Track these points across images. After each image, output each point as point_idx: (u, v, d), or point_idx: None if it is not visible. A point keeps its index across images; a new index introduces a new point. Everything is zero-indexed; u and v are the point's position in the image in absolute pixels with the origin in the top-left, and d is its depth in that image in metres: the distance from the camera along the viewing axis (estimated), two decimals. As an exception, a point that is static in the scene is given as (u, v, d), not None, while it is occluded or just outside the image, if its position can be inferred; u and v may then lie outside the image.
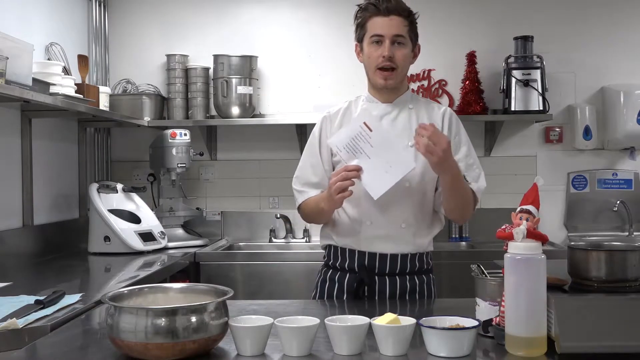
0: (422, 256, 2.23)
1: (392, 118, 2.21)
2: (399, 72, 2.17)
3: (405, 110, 2.22)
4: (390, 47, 2.12)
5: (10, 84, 2.42)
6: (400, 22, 2.13)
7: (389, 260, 2.17)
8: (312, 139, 2.29)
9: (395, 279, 2.19)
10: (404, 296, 2.19)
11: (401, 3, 2.16)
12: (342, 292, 2.22)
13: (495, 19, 4.02)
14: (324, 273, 2.30)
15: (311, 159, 2.26)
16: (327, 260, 2.30)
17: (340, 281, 2.23)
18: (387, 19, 2.13)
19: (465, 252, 3.82)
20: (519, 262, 1.45)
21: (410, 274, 2.21)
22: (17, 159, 3.12)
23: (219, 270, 3.41)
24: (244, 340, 1.50)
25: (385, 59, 2.13)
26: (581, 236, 3.93)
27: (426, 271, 2.26)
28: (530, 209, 1.56)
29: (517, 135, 4.05)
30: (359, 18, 2.19)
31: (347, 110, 2.27)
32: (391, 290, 2.18)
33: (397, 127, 2.19)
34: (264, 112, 4.06)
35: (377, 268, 2.18)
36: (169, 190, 3.81)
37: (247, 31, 4.06)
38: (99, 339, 1.73)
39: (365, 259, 2.17)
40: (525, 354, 1.45)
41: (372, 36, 2.15)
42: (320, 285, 2.29)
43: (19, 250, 3.03)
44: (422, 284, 2.23)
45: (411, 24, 2.16)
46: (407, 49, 2.16)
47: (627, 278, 1.51)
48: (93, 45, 3.93)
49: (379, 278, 2.18)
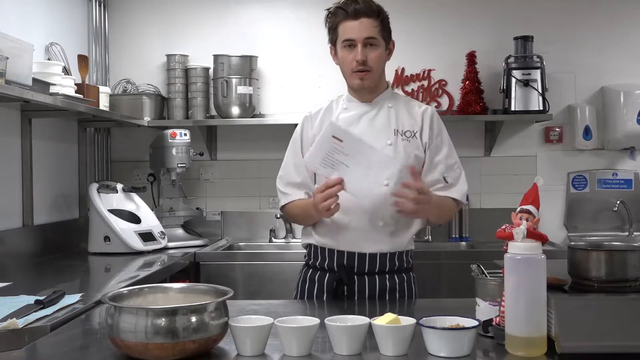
0: (401, 255, 2.22)
1: (371, 117, 2.22)
2: (374, 72, 2.17)
3: (385, 109, 2.23)
4: (363, 51, 2.13)
5: (10, 84, 2.42)
6: (370, 24, 2.13)
7: (368, 259, 2.17)
8: (294, 139, 2.31)
9: (374, 278, 2.19)
10: (383, 295, 2.19)
11: (370, 3, 2.15)
12: (322, 292, 2.22)
13: (495, 19, 4.02)
14: (304, 273, 2.31)
15: (294, 159, 2.28)
16: (307, 260, 2.31)
17: (320, 281, 2.23)
18: (357, 22, 2.13)
19: (465, 252, 3.82)
20: (519, 262, 1.45)
21: (389, 272, 2.21)
22: (17, 159, 3.13)
23: (219, 270, 3.41)
24: (244, 340, 1.50)
25: (359, 63, 2.14)
26: (581, 236, 3.93)
27: (406, 270, 2.26)
28: (530, 209, 1.56)
29: (517, 135, 4.05)
30: (330, 22, 2.21)
31: (328, 109, 2.28)
32: (370, 289, 2.18)
33: (376, 126, 2.20)
34: (264, 112, 4.06)
35: (356, 267, 2.18)
36: (169, 190, 3.81)
37: (247, 31, 4.06)
38: (99, 339, 1.73)
39: (344, 259, 2.18)
40: (525, 354, 1.45)
41: (344, 41, 2.16)
42: (300, 285, 2.30)
43: (19, 250, 3.03)
44: (402, 283, 2.22)
45: (382, 23, 2.16)
46: (380, 49, 2.17)
47: (627, 278, 1.51)
48: (93, 45, 3.93)
49: (358, 277, 2.18)
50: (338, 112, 2.25)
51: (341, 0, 2.17)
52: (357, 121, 2.21)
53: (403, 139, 2.18)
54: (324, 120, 2.24)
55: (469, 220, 3.97)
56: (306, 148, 2.23)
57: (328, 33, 2.23)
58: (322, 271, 2.24)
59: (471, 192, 3.99)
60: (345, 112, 2.24)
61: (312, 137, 2.23)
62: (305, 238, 2.31)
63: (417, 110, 2.25)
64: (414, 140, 2.19)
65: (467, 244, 3.92)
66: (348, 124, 2.20)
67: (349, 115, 2.23)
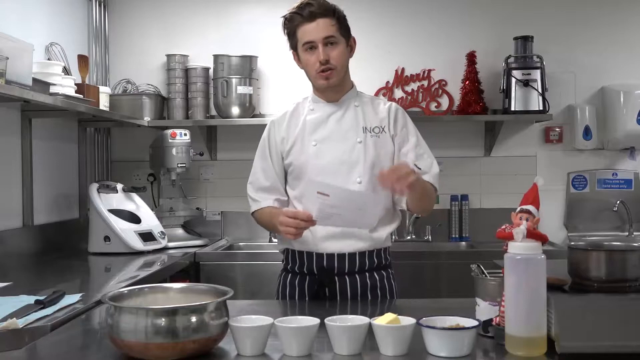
0: (379, 252, 2.23)
1: (338, 117, 2.23)
2: (338, 70, 2.18)
3: (352, 109, 2.25)
4: (324, 50, 2.15)
5: (10, 84, 2.42)
6: (327, 23, 2.14)
7: (348, 259, 2.17)
8: (261, 144, 2.32)
9: (355, 278, 2.19)
10: (365, 294, 2.19)
11: (324, 4, 2.16)
12: (304, 295, 2.22)
13: (495, 19, 4.02)
14: (283, 278, 2.30)
15: (262, 163, 2.29)
16: (285, 265, 2.30)
17: (301, 285, 2.23)
18: (314, 23, 2.14)
19: (465, 252, 3.82)
20: (519, 262, 1.45)
21: (369, 270, 2.21)
22: (17, 159, 3.12)
23: (219, 270, 3.41)
24: (244, 340, 1.50)
25: (322, 63, 2.15)
26: (581, 236, 3.93)
27: (385, 267, 2.27)
28: (530, 209, 1.56)
29: (517, 135, 4.05)
30: (287, 28, 2.22)
31: (295, 112, 2.30)
32: (352, 289, 2.18)
33: (344, 126, 2.22)
34: (264, 112, 4.06)
35: (336, 268, 2.18)
36: (169, 190, 3.81)
37: (247, 31, 4.06)
38: (99, 339, 1.73)
39: (324, 261, 2.17)
40: (525, 354, 1.45)
41: (305, 44, 2.17)
42: (280, 291, 2.29)
43: (19, 250, 3.03)
44: (382, 280, 2.24)
45: (339, 21, 2.17)
46: (341, 46, 2.17)
47: (627, 278, 1.51)
48: (93, 45, 3.93)
49: (339, 278, 2.18)
50: (305, 114, 2.26)
51: (295, 5, 2.18)
52: (325, 122, 2.23)
53: (372, 135, 2.20)
54: (291, 124, 2.26)
55: (469, 220, 3.97)
56: (274, 152, 2.26)
57: (287, 39, 2.25)
58: (302, 275, 2.23)
59: (471, 192, 4.00)
60: (312, 114, 2.25)
61: (280, 141, 2.26)
62: (281, 242, 2.30)
63: (383, 107, 2.27)
64: (383, 135, 2.22)
65: (467, 244, 3.92)
66: (316, 124, 2.22)
67: (316, 116, 2.24)
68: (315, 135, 2.22)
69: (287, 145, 2.25)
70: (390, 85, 4.00)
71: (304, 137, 2.23)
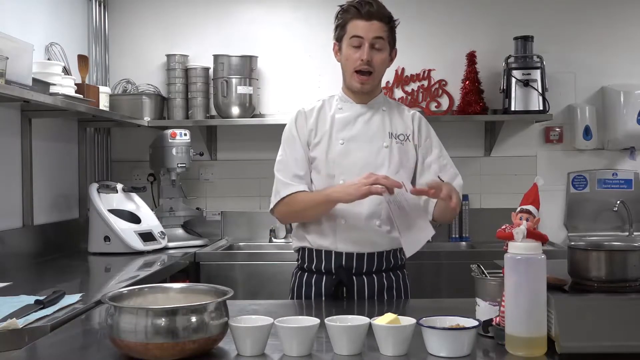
0: (395, 252, 2.24)
1: (366, 119, 2.24)
2: (375, 76, 2.20)
3: (379, 113, 2.26)
4: (369, 51, 2.15)
5: (10, 84, 2.42)
6: (380, 27, 2.15)
7: (366, 259, 2.18)
8: (289, 135, 2.26)
9: (372, 278, 2.20)
10: (382, 294, 2.20)
11: (383, 8, 2.17)
12: (320, 295, 2.22)
13: (495, 19, 4.02)
14: (299, 277, 2.29)
15: (294, 154, 2.22)
16: (301, 263, 2.29)
17: (317, 284, 2.22)
18: (368, 23, 2.15)
19: (465, 252, 3.82)
20: (519, 262, 1.45)
21: (386, 271, 2.22)
22: (17, 159, 3.12)
23: (219, 270, 3.41)
24: (244, 340, 1.50)
25: (364, 62, 2.15)
26: (581, 236, 3.93)
27: (400, 267, 2.29)
28: (530, 209, 1.56)
29: (517, 135, 4.05)
30: (340, 19, 2.21)
31: (322, 108, 2.28)
32: (369, 288, 2.19)
33: (372, 129, 2.22)
34: (264, 112, 4.06)
35: (354, 268, 2.18)
36: (169, 190, 3.81)
37: (247, 31, 4.06)
38: (99, 339, 1.73)
39: (343, 260, 2.17)
40: (525, 354, 1.45)
41: (352, 37, 2.16)
42: (296, 290, 2.28)
43: (19, 250, 3.03)
44: (397, 280, 2.25)
45: (391, 30, 2.19)
46: (385, 53, 2.19)
47: (627, 278, 1.51)
48: (93, 45, 3.93)
49: (356, 278, 2.19)
50: (332, 112, 2.26)
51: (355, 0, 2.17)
52: (352, 122, 2.23)
53: (397, 142, 2.22)
54: (320, 118, 2.24)
55: (469, 220, 3.97)
56: (303, 142, 2.22)
57: (335, 29, 2.24)
58: (319, 274, 2.23)
59: (471, 192, 4.00)
60: (340, 112, 2.25)
61: (308, 132, 2.23)
62: (297, 242, 2.29)
63: (407, 114, 2.29)
64: (407, 143, 2.24)
65: (467, 244, 3.92)
66: (344, 123, 2.22)
67: (344, 115, 2.24)
68: (342, 134, 2.21)
69: (315, 138, 2.22)
70: (390, 85, 4.00)
71: (331, 134, 2.22)
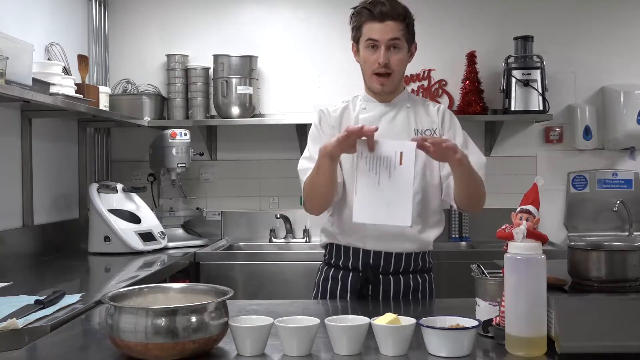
0: (424, 255, 2.24)
1: (390, 118, 2.22)
2: (395, 76, 2.17)
3: (404, 110, 2.23)
4: (386, 53, 2.12)
5: (10, 84, 2.42)
6: (395, 27, 2.12)
7: (394, 258, 2.17)
8: (313, 131, 2.25)
9: (399, 278, 2.19)
10: (407, 295, 2.19)
11: (396, 7, 2.14)
12: (346, 291, 2.21)
13: (495, 19, 4.02)
14: (325, 271, 2.28)
15: (315, 147, 2.17)
16: (328, 259, 2.28)
17: (344, 280, 2.21)
18: (382, 24, 2.11)
19: (465, 252, 3.82)
20: (519, 262, 1.45)
21: (413, 272, 2.21)
22: (17, 159, 3.12)
23: (219, 270, 3.41)
24: (244, 340, 1.50)
25: (381, 65, 2.13)
26: (581, 236, 3.93)
27: (427, 270, 2.27)
28: (530, 209, 1.55)
29: (517, 135, 4.05)
30: (354, 21, 2.19)
31: (346, 110, 2.27)
32: (395, 289, 2.18)
33: (397, 127, 2.20)
34: (264, 112, 4.06)
35: (381, 267, 2.17)
36: (169, 190, 3.81)
37: (247, 31, 4.06)
38: (99, 339, 1.73)
39: (370, 258, 2.16)
40: (525, 354, 1.45)
41: (368, 40, 2.14)
42: (322, 283, 2.27)
43: (19, 250, 3.03)
44: (424, 283, 2.24)
45: (407, 27, 2.15)
46: (403, 52, 2.16)
47: (627, 278, 1.51)
48: (93, 45, 3.93)
49: (383, 277, 2.18)
50: (356, 113, 2.24)
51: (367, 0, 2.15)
52: (377, 122, 2.18)
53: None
54: (344, 118, 2.22)
55: (469, 220, 3.97)
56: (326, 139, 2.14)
57: (352, 31, 2.22)
58: (346, 270, 2.21)
59: (471, 192, 4.00)
60: (364, 113, 2.23)
61: (331, 129, 2.20)
62: (325, 238, 2.27)
63: (433, 109, 2.26)
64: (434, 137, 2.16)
65: (467, 244, 3.92)
66: (369, 124, 2.15)
67: (368, 115, 2.22)
68: None
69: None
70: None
71: None
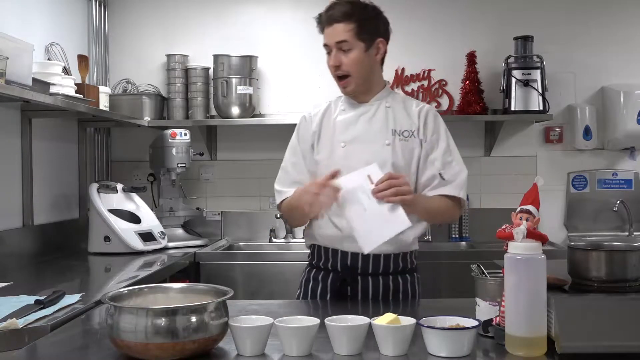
0: (405, 256, 2.23)
1: (368, 118, 2.22)
2: (355, 77, 2.17)
3: (382, 109, 2.22)
4: (336, 56, 2.15)
5: (10, 84, 2.42)
6: (342, 29, 2.13)
7: (372, 260, 2.17)
8: (292, 140, 2.32)
9: (378, 279, 2.19)
10: (387, 296, 2.19)
11: (343, 7, 2.13)
12: (326, 291, 2.23)
13: (495, 19, 4.02)
14: (307, 272, 2.31)
15: (293, 158, 2.28)
16: (311, 260, 2.31)
17: (324, 281, 2.23)
18: (331, 28, 2.15)
19: (465, 252, 3.82)
20: (519, 262, 1.45)
21: (393, 273, 2.21)
22: (17, 159, 3.12)
23: (219, 270, 3.41)
24: (244, 340, 1.50)
25: (334, 68, 2.16)
26: (581, 236, 3.93)
27: (410, 270, 2.26)
28: (530, 209, 1.56)
29: (517, 135, 4.05)
30: (319, 30, 2.23)
31: (328, 110, 2.29)
32: (374, 290, 2.18)
33: (374, 127, 2.20)
34: (264, 112, 4.06)
35: (360, 268, 2.17)
36: (169, 190, 3.81)
37: (247, 31, 4.06)
38: (99, 339, 1.73)
39: (349, 259, 2.17)
40: (525, 354, 1.45)
41: (324, 46, 2.20)
42: (304, 284, 2.30)
43: (19, 250, 3.03)
44: (405, 284, 2.23)
45: (359, 25, 2.13)
46: (356, 51, 2.14)
47: (627, 278, 1.51)
48: (93, 45, 3.93)
49: (362, 278, 2.18)
50: (336, 114, 2.26)
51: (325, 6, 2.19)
52: (355, 122, 2.21)
53: (401, 139, 2.18)
54: (324, 120, 2.26)
55: (469, 220, 3.97)
56: (304, 146, 2.25)
57: None
58: (326, 271, 2.24)
59: (471, 192, 4.00)
60: (343, 114, 2.25)
61: (311, 135, 2.24)
62: (308, 239, 2.31)
63: (414, 109, 2.23)
64: (412, 139, 2.19)
65: (467, 244, 3.92)
66: (346, 125, 2.21)
67: (347, 116, 2.24)
68: (344, 136, 2.20)
69: (319, 141, 2.24)
70: (390, 85, 3.99)
71: (333, 137, 2.21)
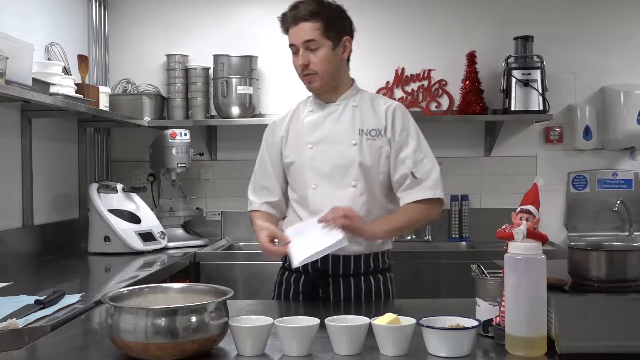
0: (377, 256, 2.21)
1: (335, 118, 2.21)
2: (322, 75, 2.16)
3: (349, 109, 2.21)
4: (304, 54, 2.15)
5: (10, 84, 2.42)
6: (308, 27, 2.12)
7: (342, 261, 2.16)
8: (262, 152, 2.35)
9: (349, 280, 2.18)
10: (359, 297, 2.18)
11: (309, 5, 2.12)
12: (298, 293, 2.22)
13: (495, 19, 4.02)
14: (280, 275, 2.31)
15: (260, 163, 2.33)
16: (284, 262, 2.30)
17: (295, 283, 2.23)
18: (297, 27, 2.14)
19: (465, 252, 3.82)
20: (519, 262, 1.45)
21: (365, 274, 2.19)
22: (17, 159, 3.12)
23: (219, 270, 3.41)
24: (244, 340, 1.50)
25: (302, 67, 2.16)
26: (581, 236, 3.93)
27: (382, 270, 2.24)
28: (530, 209, 1.56)
29: (517, 135, 4.05)
30: (282, 30, 2.22)
31: (296, 112, 2.30)
32: (345, 291, 2.17)
33: (341, 127, 2.19)
34: (264, 112, 4.06)
35: (330, 269, 2.17)
36: (169, 190, 3.81)
37: (247, 31, 4.06)
38: (99, 339, 1.73)
39: (318, 261, 2.13)
40: (525, 354, 1.45)
41: (290, 46, 2.19)
42: (277, 287, 2.30)
43: (19, 250, 3.03)
44: (377, 284, 2.21)
45: (325, 23, 2.12)
46: (324, 50, 2.14)
47: (627, 278, 1.51)
48: (93, 45, 3.93)
49: (333, 279, 2.18)
50: (304, 115, 2.25)
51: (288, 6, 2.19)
52: (321, 123, 2.21)
53: (368, 138, 2.15)
54: (292, 124, 2.27)
55: (469, 220, 3.97)
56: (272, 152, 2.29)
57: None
58: (298, 273, 2.23)
59: (471, 192, 4.01)
60: (310, 115, 2.25)
61: (279, 140, 2.27)
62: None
63: (382, 108, 2.20)
64: (380, 138, 2.16)
65: (467, 244, 3.92)
66: (313, 126, 2.21)
67: (314, 117, 2.23)
68: (311, 138, 2.20)
69: (287, 145, 2.25)
70: (390, 85, 4.00)
71: (300, 139, 2.21)
